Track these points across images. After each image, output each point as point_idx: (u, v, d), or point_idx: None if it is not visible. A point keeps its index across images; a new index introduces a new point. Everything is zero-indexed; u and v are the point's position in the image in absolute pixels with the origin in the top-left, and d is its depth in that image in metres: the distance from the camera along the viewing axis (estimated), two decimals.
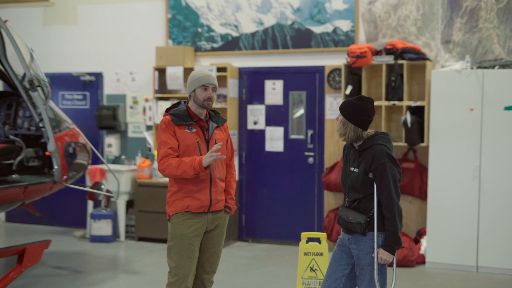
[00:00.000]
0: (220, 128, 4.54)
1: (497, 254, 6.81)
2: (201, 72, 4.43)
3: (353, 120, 4.06)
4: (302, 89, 8.14)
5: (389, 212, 3.96)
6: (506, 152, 6.74)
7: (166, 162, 4.31)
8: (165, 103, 8.41)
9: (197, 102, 4.39)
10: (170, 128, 4.37)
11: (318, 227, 8.07)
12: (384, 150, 3.99)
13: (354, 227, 4.08)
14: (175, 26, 8.65)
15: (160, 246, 8.11)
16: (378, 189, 4.01)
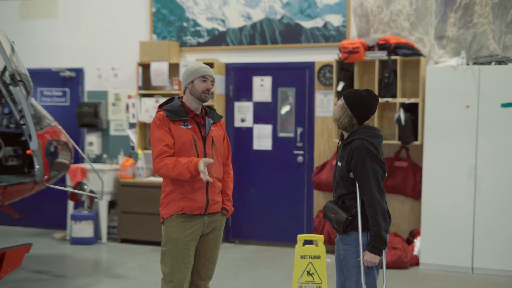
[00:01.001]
0: (216, 124, 4.29)
1: (493, 255, 6.64)
2: (199, 64, 4.21)
3: (352, 108, 3.86)
4: (291, 86, 7.90)
5: (371, 211, 3.75)
6: (503, 150, 6.58)
7: (162, 161, 4.04)
8: (149, 100, 8.11)
9: (195, 94, 4.14)
10: (165, 125, 4.10)
11: (307, 228, 7.85)
12: (364, 145, 3.78)
13: (337, 225, 3.89)
14: (160, 20, 8.35)
15: (144, 248, 7.83)
16: (359, 187, 3.82)
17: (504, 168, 6.58)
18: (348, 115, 3.87)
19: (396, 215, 7.45)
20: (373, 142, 3.82)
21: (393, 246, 6.96)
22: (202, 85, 4.14)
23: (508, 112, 6.54)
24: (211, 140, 4.18)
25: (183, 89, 4.23)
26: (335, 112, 3.94)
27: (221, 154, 4.28)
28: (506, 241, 6.60)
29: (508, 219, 6.59)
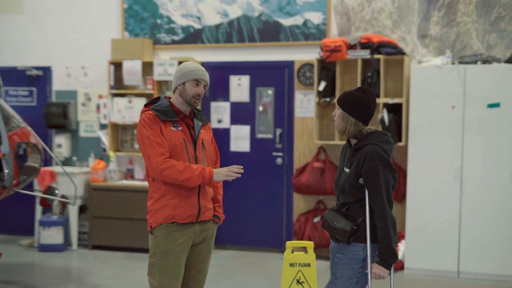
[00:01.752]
0: (205, 127, 4.02)
1: (479, 259, 6.50)
2: (194, 65, 3.90)
3: (353, 113, 3.62)
4: (270, 85, 7.66)
5: (382, 222, 3.52)
6: (489, 152, 6.44)
7: (168, 162, 3.72)
8: (121, 100, 7.77)
9: (184, 96, 3.85)
10: (156, 125, 3.80)
11: (287, 232, 7.61)
12: (377, 151, 3.54)
13: (339, 234, 3.64)
14: (132, 17, 8.02)
15: (117, 255, 7.49)
16: (369, 196, 3.57)
17: (491, 170, 6.44)
18: (352, 123, 3.63)
19: None
20: (385, 148, 3.59)
21: None
22: (194, 89, 3.85)
23: (494, 113, 6.40)
24: (201, 143, 3.90)
25: (173, 88, 3.94)
26: (337, 123, 3.69)
27: (211, 158, 4.02)
28: (493, 245, 6.47)
29: (495, 222, 6.45)
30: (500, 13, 6.85)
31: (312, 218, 7.28)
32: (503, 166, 6.40)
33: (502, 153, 6.40)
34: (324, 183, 7.15)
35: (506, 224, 6.41)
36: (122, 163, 8.05)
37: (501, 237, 6.43)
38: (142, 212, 7.49)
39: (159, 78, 7.62)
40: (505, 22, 6.85)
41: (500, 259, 6.44)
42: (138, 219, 7.51)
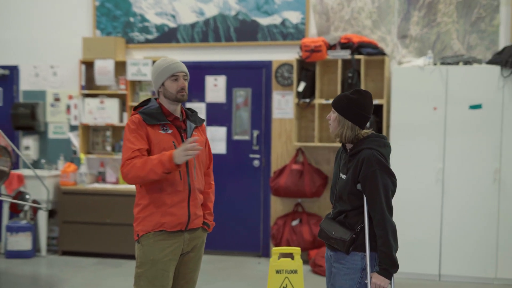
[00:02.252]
0: (198, 129, 3.82)
1: (461, 262, 6.43)
2: (165, 61, 3.70)
3: (350, 117, 3.45)
4: (247, 86, 7.48)
5: (381, 229, 3.35)
6: (471, 154, 6.37)
7: (130, 163, 3.53)
8: (93, 100, 7.51)
9: (169, 96, 3.66)
10: (141, 129, 3.60)
11: (264, 236, 7.44)
12: (374, 156, 3.38)
13: (337, 243, 3.46)
14: (104, 15, 7.76)
15: (89, 261, 7.22)
16: (367, 202, 3.41)
17: (473, 172, 6.37)
18: (348, 127, 3.46)
19: None
20: (383, 152, 3.44)
21: None
22: (174, 85, 3.66)
23: (476, 114, 6.33)
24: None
25: (155, 91, 3.75)
26: (333, 128, 3.52)
27: (203, 163, 3.82)
28: (474, 247, 6.40)
29: (477, 225, 6.38)
30: (480, 14, 6.80)
31: (290, 222, 7.13)
32: (485, 168, 6.34)
33: (484, 155, 6.34)
34: (302, 185, 7.01)
35: (487, 227, 6.35)
36: (94, 166, 7.78)
37: (483, 240, 6.36)
38: (114, 217, 7.24)
39: (132, 78, 7.38)
40: (485, 23, 6.80)
41: (482, 262, 6.37)
42: (110, 223, 7.27)
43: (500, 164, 6.30)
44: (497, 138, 6.30)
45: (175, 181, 3.61)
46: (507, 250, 6.30)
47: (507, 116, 6.27)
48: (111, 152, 7.63)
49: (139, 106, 3.74)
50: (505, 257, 6.31)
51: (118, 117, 7.51)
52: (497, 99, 6.29)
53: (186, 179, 3.64)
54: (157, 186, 3.61)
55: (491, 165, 6.32)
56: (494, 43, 6.78)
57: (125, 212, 7.21)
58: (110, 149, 7.63)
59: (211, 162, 3.94)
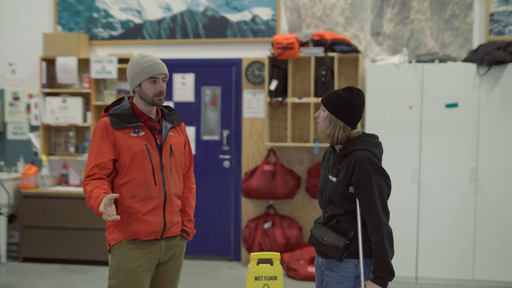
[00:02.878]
0: (176, 129, 3.55)
1: (438, 264, 6.31)
2: (145, 59, 3.40)
3: (342, 117, 3.26)
4: (216, 84, 7.23)
5: (376, 235, 3.16)
6: (447, 153, 6.26)
7: (86, 185, 3.29)
8: (55, 99, 7.17)
9: (145, 99, 3.39)
10: (107, 135, 3.33)
11: (235, 239, 7.21)
12: (367, 157, 3.19)
13: (330, 250, 3.26)
14: (65, 10, 7.42)
15: (51, 267, 6.88)
16: (361, 206, 3.21)
17: (449, 172, 6.26)
18: (339, 127, 3.26)
19: None
20: (376, 153, 3.25)
21: None
22: (152, 88, 3.38)
23: (452, 113, 6.22)
24: (168, 148, 3.44)
25: (130, 90, 3.47)
26: (322, 127, 3.31)
27: (181, 165, 3.55)
28: (451, 249, 6.29)
29: (453, 225, 6.28)
30: (454, 11, 6.70)
31: (262, 224, 6.92)
32: (461, 167, 6.24)
33: (461, 154, 6.23)
34: (275, 187, 6.80)
35: (465, 227, 6.25)
36: (56, 168, 7.44)
37: (460, 241, 6.26)
38: (78, 221, 6.93)
39: (96, 76, 7.07)
40: (459, 20, 6.70)
41: (459, 263, 6.27)
42: (74, 228, 6.95)
43: (476, 164, 6.20)
44: (474, 137, 6.20)
45: (148, 187, 3.36)
46: (485, 251, 6.21)
47: (483, 114, 6.18)
48: (74, 153, 7.30)
49: (111, 106, 3.48)
50: (482, 258, 6.22)
51: (81, 117, 7.18)
52: (473, 97, 6.19)
53: (161, 184, 3.39)
54: (129, 192, 3.36)
55: (468, 164, 6.22)
56: (468, 41, 6.69)
57: (90, 216, 6.88)
58: (73, 150, 7.30)
59: (191, 164, 3.69)
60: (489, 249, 6.22)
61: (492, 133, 6.18)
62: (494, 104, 6.17)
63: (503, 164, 6.19)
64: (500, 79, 6.15)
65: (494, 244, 6.22)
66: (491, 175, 6.20)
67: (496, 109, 6.17)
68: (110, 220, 3.08)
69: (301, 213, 7.04)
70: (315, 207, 6.99)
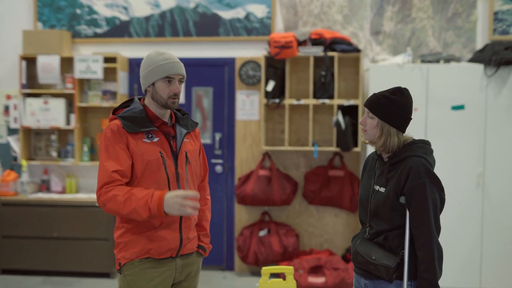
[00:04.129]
0: (190, 135, 3.20)
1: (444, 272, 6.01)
2: (162, 56, 3.05)
3: (394, 122, 2.97)
4: (208, 85, 6.88)
5: (426, 252, 2.87)
6: (453, 157, 6.00)
7: (110, 191, 2.90)
8: (35, 100, 6.73)
9: (158, 100, 3.03)
10: (121, 140, 2.97)
11: (228, 248, 6.86)
12: (423, 165, 2.91)
13: (379, 270, 2.96)
14: (46, 5, 6.98)
15: (33, 280, 6.45)
16: (412, 219, 2.92)
17: (455, 177, 6.00)
18: (392, 134, 2.97)
19: (329, 230, 6.68)
20: (430, 162, 2.96)
21: (333, 267, 6.17)
22: (167, 90, 3.04)
23: (459, 115, 5.97)
24: (184, 156, 3.09)
25: (142, 90, 3.11)
26: (371, 136, 3.00)
27: (197, 174, 3.21)
28: (457, 257, 6.03)
29: (459, 232, 6.02)
30: (457, 10, 6.46)
31: (257, 232, 6.58)
32: (468, 172, 5.99)
33: (467, 159, 5.99)
34: (271, 193, 6.48)
35: (471, 234, 6.00)
36: (36, 174, 7.00)
37: (466, 248, 6.00)
38: (61, 230, 6.51)
39: (80, 76, 6.65)
40: (462, 19, 6.46)
41: (466, 271, 6.01)
42: (57, 237, 6.53)
43: (484, 168, 5.96)
44: (481, 140, 5.96)
45: None
46: (492, 259, 5.97)
47: (491, 117, 5.94)
48: (56, 158, 6.87)
49: (119, 108, 3.12)
50: (490, 266, 5.98)
51: (64, 119, 6.76)
52: (481, 99, 5.95)
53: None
54: None
55: (475, 169, 5.97)
56: (471, 41, 6.45)
57: (74, 224, 6.50)
58: (56, 154, 6.87)
59: (206, 173, 3.34)
60: (497, 257, 5.98)
61: (500, 136, 5.94)
62: (502, 106, 5.93)
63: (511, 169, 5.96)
64: (508, 80, 5.91)
65: (502, 252, 5.98)
66: (499, 180, 5.96)
67: (504, 111, 5.93)
68: (193, 214, 2.86)
69: (298, 220, 6.72)
70: (312, 213, 6.68)
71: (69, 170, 6.98)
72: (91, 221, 6.47)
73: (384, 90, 3.04)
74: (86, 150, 6.80)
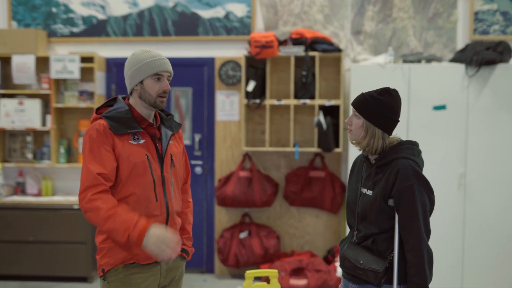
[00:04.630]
0: (175, 136, 3.12)
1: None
2: (148, 54, 2.97)
3: (379, 123, 2.91)
4: (187, 85, 6.78)
5: (416, 256, 2.82)
6: (435, 158, 5.97)
7: (94, 201, 2.79)
8: (10, 101, 6.57)
9: (147, 98, 2.95)
10: (107, 141, 2.87)
11: (208, 250, 6.77)
12: (411, 166, 2.86)
13: (367, 275, 2.90)
14: (21, 4, 6.83)
15: (9, 285, 6.30)
16: (401, 222, 2.87)
17: (437, 177, 5.95)
18: (377, 135, 2.91)
19: (310, 232, 6.62)
20: (419, 163, 2.90)
21: (315, 269, 6.11)
22: (156, 87, 2.97)
23: (440, 116, 5.95)
24: (169, 159, 3.01)
25: (128, 90, 3.02)
26: (356, 136, 2.95)
27: (181, 178, 3.13)
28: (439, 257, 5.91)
29: (441, 233, 5.99)
30: (437, 10, 6.44)
31: (238, 234, 6.50)
32: (449, 172, 5.97)
33: (449, 159, 5.96)
34: (252, 194, 6.40)
35: (453, 235, 5.98)
36: (11, 176, 6.84)
37: (448, 250, 5.98)
38: (38, 233, 6.37)
39: (57, 76, 6.51)
40: (443, 19, 6.44)
41: (448, 273, 5.99)
42: (33, 241, 6.38)
43: (465, 169, 5.94)
44: (462, 140, 5.94)
45: (149, 204, 2.93)
46: (474, 259, 5.96)
47: (472, 117, 5.92)
48: (32, 160, 6.71)
49: (103, 107, 3.02)
50: (472, 267, 5.96)
51: (40, 120, 6.61)
52: (462, 99, 5.93)
53: (163, 201, 2.96)
54: None
55: (456, 169, 5.95)
56: (452, 40, 6.44)
57: (50, 228, 6.36)
58: (31, 156, 6.72)
59: (188, 176, 3.27)
60: (479, 257, 5.97)
61: (482, 136, 5.93)
62: (483, 106, 5.92)
63: (493, 169, 5.94)
64: (489, 80, 5.90)
65: (484, 252, 5.97)
66: (480, 180, 5.95)
67: (485, 111, 5.92)
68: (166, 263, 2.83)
69: (279, 222, 6.65)
70: (293, 215, 6.62)
71: (45, 172, 6.84)
72: (68, 225, 6.34)
73: (372, 90, 2.99)
74: (63, 151, 6.66)
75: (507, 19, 6.35)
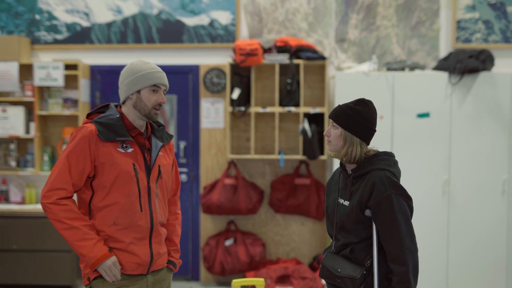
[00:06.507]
0: (165, 148, 3.12)
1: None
2: (148, 65, 3.04)
3: (358, 133, 2.96)
4: (171, 93, 6.76)
5: (400, 265, 2.85)
6: (419, 165, 6.03)
7: (57, 207, 2.87)
8: None
9: (142, 109, 2.97)
10: (89, 148, 2.88)
11: (193, 258, 6.76)
12: (388, 177, 2.91)
13: (345, 283, 2.93)
14: (4, 11, 6.79)
15: None
16: (381, 233, 2.90)
17: (421, 184, 6.02)
18: (357, 144, 2.96)
19: (295, 239, 6.64)
20: (395, 173, 2.94)
21: (301, 276, 6.13)
22: (153, 98, 2.99)
23: (424, 123, 6.00)
24: (157, 170, 3.01)
25: (122, 98, 3.02)
26: (335, 146, 2.98)
27: (168, 190, 3.12)
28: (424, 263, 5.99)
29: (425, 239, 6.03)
30: (420, 18, 6.50)
31: (223, 241, 6.50)
32: (433, 179, 6.02)
33: (433, 166, 6.02)
34: (238, 201, 6.41)
35: (437, 241, 6.03)
36: None
37: (433, 255, 6.03)
38: (21, 242, 6.33)
39: (40, 83, 6.47)
40: (425, 27, 6.50)
41: (433, 278, 6.04)
42: (17, 250, 6.33)
43: (449, 176, 6.00)
44: (446, 148, 6.00)
45: (134, 213, 2.93)
46: (458, 266, 6.01)
47: (455, 125, 5.99)
48: (15, 167, 6.66)
49: (95, 113, 3.03)
50: (456, 273, 6.01)
51: (23, 128, 6.57)
52: (445, 107, 5.99)
53: (147, 211, 2.97)
54: (110, 219, 2.92)
55: (440, 176, 6.01)
56: (435, 49, 6.50)
57: (34, 236, 6.32)
58: (15, 164, 6.67)
59: (178, 188, 3.26)
60: (463, 264, 6.02)
61: (465, 144, 5.99)
62: (466, 113, 5.99)
63: (477, 176, 6.01)
64: (472, 88, 5.97)
65: (468, 259, 6.03)
66: (464, 187, 6.01)
67: (468, 119, 5.99)
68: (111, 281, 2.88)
69: (264, 229, 6.66)
70: (278, 222, 6.64)
71: (29, 180, 6.79)
72: (52, 233, 6.28)
73: (348, 102, 3.02)
74: (47, 159, 6.62)
75: (489, 28, 6.42)
